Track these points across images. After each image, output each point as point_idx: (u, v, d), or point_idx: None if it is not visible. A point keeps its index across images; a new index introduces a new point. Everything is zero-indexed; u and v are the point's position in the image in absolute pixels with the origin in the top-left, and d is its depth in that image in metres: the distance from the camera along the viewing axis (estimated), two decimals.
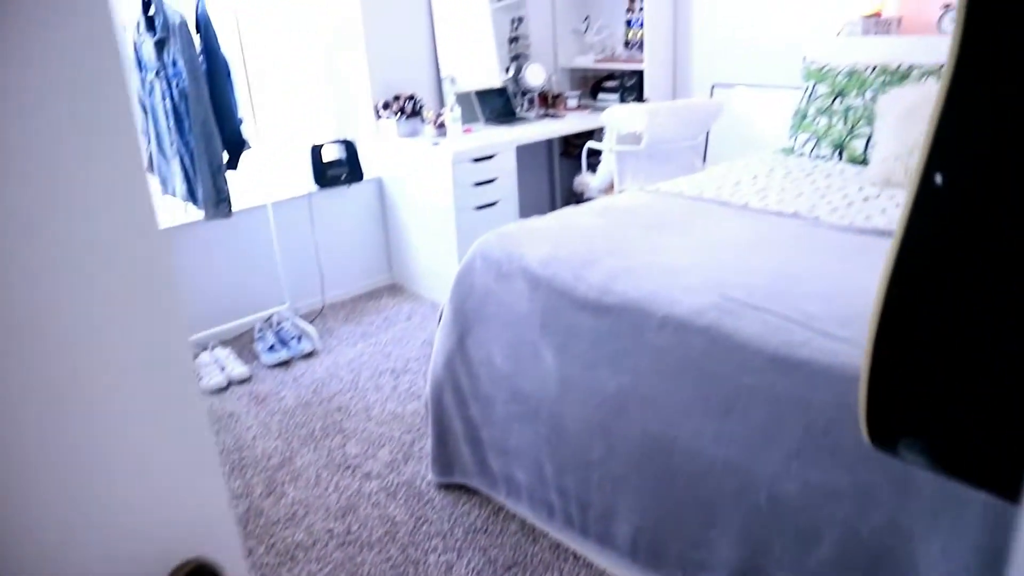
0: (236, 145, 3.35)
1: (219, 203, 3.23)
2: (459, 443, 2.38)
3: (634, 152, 3.61)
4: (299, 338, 3.57)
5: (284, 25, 3.74)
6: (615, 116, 3.57)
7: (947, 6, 3.28)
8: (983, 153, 0.63)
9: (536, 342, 2.07)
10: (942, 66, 2.92)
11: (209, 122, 3.12)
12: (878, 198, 2.61)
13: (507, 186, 3.86)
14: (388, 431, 2.83)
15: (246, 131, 3.39)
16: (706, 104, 3.68)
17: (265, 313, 3.70)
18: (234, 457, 2.74)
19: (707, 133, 4.14)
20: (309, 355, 3.51)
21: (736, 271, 1.89)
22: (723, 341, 1.66)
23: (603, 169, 3.77)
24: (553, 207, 5.05)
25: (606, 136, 3.66)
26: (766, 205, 2.55)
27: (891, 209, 2.47)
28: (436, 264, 3.94)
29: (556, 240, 2.19)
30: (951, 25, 3.29)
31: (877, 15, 3.54)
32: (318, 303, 4.06)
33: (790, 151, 3.37)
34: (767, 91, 4.08)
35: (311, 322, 3.77)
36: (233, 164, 3.37)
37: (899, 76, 3.10)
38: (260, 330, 3.62)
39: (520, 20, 4.65)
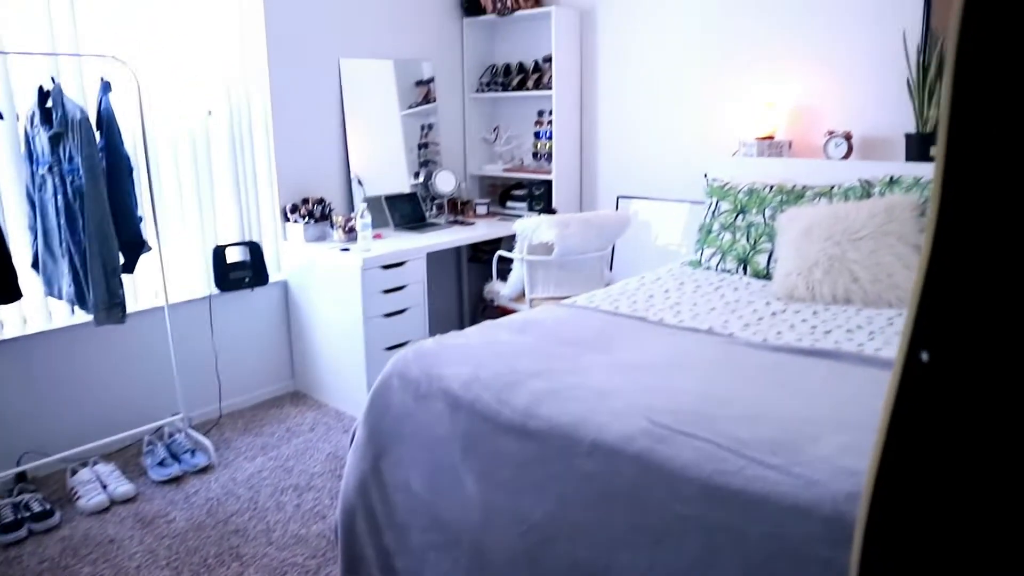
0: (134, 247, 3.19)
1: (112, 308, 3.03)
2: (371, 572, 2.23)
3: (545, 261, 3.65)
4: (193, 451, 3.33)
5: (191, 121, 3.64)
6: (527, 226, 3.62)
7: (831, 133, 3.53)
8: (970, 329, 0.63)
9: (457, 467, 1.99)
10: (832, 187, 3.10)
11: (106, 222, 2.97)
12: (784, 313, 2.71)
13: (417, 293, 3.82)
14: (291, 556, 2.63)
15: (145, 231, 3.25)
16: (615, 217, 3.79)
17: (156, 424, 3.45)
18: None
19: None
20: (204, 470, 3.27)
21: (661, 394, 1.89)
22: (655, 469, 1.63)
23: (514, 277, 3.79)
24: (461, 313, 5.03)
25: (517, 245, 3.69)
26: (681, 320, 2.60)
27: (798, 324, 2.56)
28: (342, 372, 3.81)
29: (477, 359, 2.14)
30: (835, 150, 3.55)
31: (770, 138, 3.78)
32: (215, 412, 3.83)
33: (697, 264, 3.48)
34: (669, 204, 4.25)
35: (206, 433, 3.54)
36: (130, 267, 3.20)
37: (795, 196, 3.29)
38: (149, 443, 3.37)
39: (430, 127, 4.72)
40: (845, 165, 3.41)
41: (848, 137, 3.48)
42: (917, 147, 3.26)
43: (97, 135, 3.01)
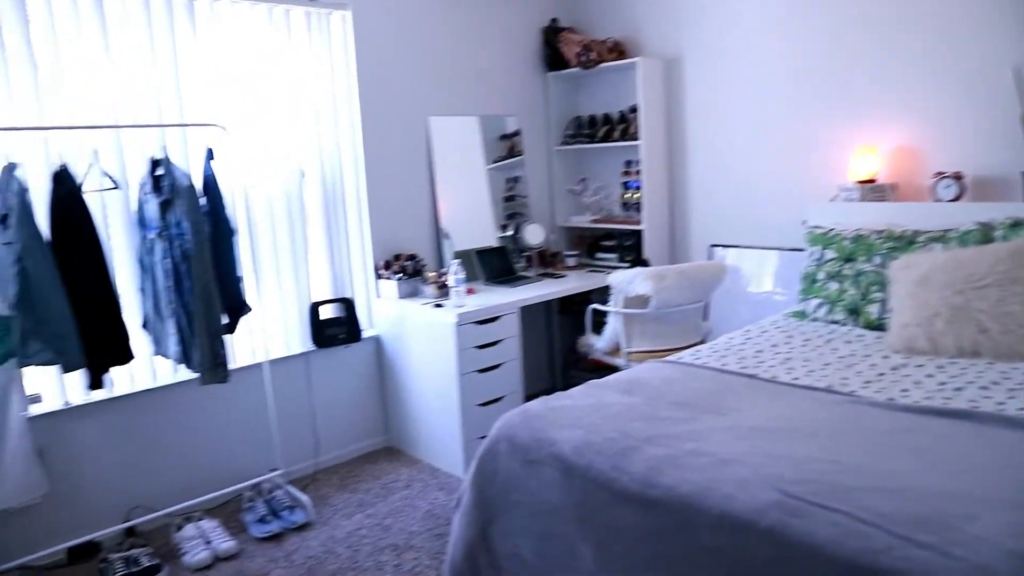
0: (236, 309, 3.27)
1: (216, 368, 3.10)
2: None
3: (641, 314, 3.57)
4: (292, 508, 3.35)
5: (286, 183, 3.74)
6: (622, 279, 3.56)
7: (940, 174, 3.35)
8: None
9: (571, 536, 1.91)
10: (947, 231, 2.89)
11: (210, 286, 3.05)
12: (906, 367, 2.56)
13: (511, 349, 3.78)
14: None
15: (245, 292, 3.32)
16: (711, 268, 3.69)
17: (255, 480, 3.49)
18: None
19: None
20: (303, 527, 3.27)
21: (788, 462, 1.78)
22: (790, 546, 1.53)
23: (609, 331, 3.71)
24: (552, 366, 4.97)
25: (612, 298, 3.63)
26: (795, 378, 2.48)
27: (924, 380, 2.41)
28: (436, 428, 3.79)
29: (587, 423, 2.08)
30: (945, 191, 3.35)
31: (872, 181, 3.62)
32: (310, 467, 3.85)
33: (803, 315, 3.34)
34: (762, 251, 4.13)
35: (303, 489, 3.55)
36: (232, 328, 3.27)
37: (906, 242, 3.13)
38: (250, 499, 3.40)
39: (516, 180, 4.74)
40: (957, 207, 3.23)
41: (959, 177, 3.30)
42: None
43: (202, 200, 3.11)
